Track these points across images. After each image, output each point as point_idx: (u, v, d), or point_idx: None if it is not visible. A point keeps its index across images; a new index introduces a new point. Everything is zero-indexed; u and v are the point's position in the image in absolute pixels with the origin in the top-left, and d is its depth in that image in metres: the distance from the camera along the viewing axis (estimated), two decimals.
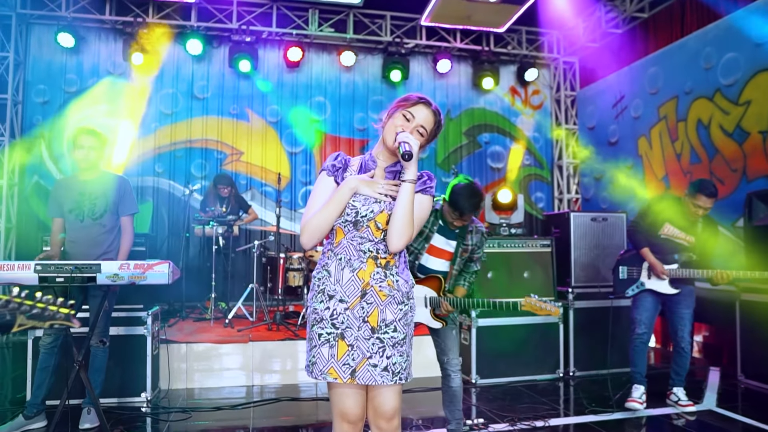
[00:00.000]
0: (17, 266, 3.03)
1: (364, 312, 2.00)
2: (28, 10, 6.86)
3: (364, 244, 2.02)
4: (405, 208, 1.96)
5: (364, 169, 2.11)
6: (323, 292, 2.04)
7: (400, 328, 2.05)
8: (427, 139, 2.10)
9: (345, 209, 2.01)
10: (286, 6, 7.46)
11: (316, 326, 2.03)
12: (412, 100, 2.07)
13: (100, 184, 3.83)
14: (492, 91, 8.15)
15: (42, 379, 3.61)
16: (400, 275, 2.09)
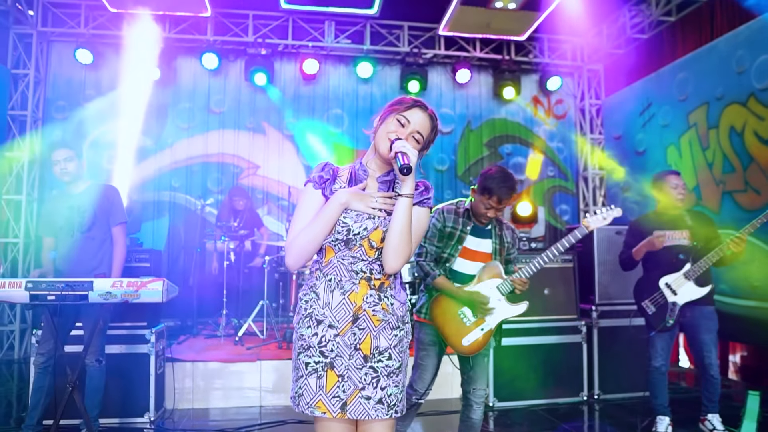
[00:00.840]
0: (8, 284, 2.94)
1: (356, 339, 1.80)
2: (48, 27, 6.93)
3: (357, 264, 1.83)
4: (402, 225, 1.77)
5: (354, 180, 1.91)
6: (311, 316, 1.84)
7: (396, 356, 1.84)
8: (423, 146, 1.90)
9: (335, 227, 1.82)
10: (302, 18, 7.39)
11: (302, 354, 1.83)
12: (406, 104, 1.87)
13: (88, 195, 3.73)
14: (513, 101, 7.92)
15: (37, 399, 3.51)
16: (395, 297, 1.89)
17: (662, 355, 3.79)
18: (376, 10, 7.03)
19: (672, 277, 3.74)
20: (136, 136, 7.20)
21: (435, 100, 7.93)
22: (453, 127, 7.95)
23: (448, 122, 7.94)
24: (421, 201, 1.90)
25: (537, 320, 4.75)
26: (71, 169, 3.70)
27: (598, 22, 7.29)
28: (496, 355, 4.60)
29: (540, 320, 4.75)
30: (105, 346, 3.78)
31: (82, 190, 3.79)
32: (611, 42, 7.29)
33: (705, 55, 5.92)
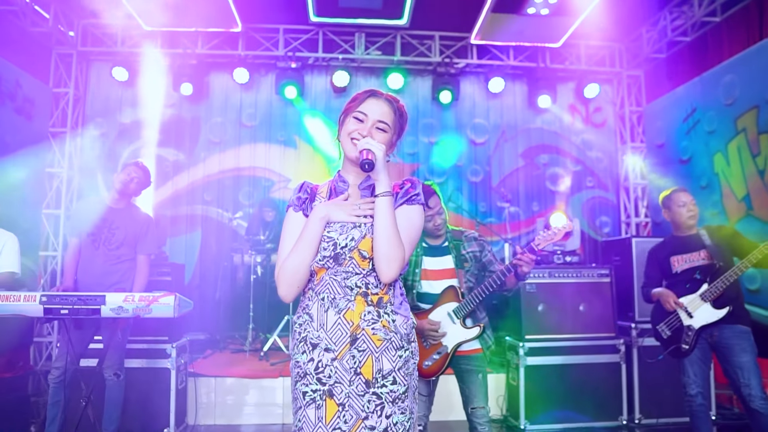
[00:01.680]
0: (23, 297, 2.95)
1: (356, 362, 1.64)
2: (88, 47, 7.13)
3: (350, 279, 1.68)
4: (386, 227, 1.63)
5: (334, 193, 1.81)
6: (305, 340, 1.70)
7: (401, 379, 1.68)
8: (394, 134, 1.78)
9: (320, 244, 1.69)
10: (332, 31, 7.37)
11: (299, 383, 1.68)
12: (359, 99, 1.77)
13: (125, 216, 3.77)
14: (549, 110, 7.67)
15: (53, 414, 3.50)
16: (397, 312, 1.73)
17: (696, 382, 3.45)
18: (406, 21, 6.94)
19: (688, 299, 3.44)
20: (170, 150, 7.31)
21: (468, 110, 7.77)
22: (487, 137, 7.76)
23: (482, 132, 7.75)
24: (409, 198, 1.76)
25: (571, 338, 4.50)
26: (131, 188, 3.79)
27: (637, 25, 6.99)
28: (528, 375, 4.37)
29: (574, 338, 4.51)
30: (124, 360, 3.76)
31: (122, 207, 3.82)
32: (651, 46, 6.98)
33: (753, 55, 5.57)
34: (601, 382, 4.47)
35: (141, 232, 3.76)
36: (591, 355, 4.46)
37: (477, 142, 7.75)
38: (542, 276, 4.54)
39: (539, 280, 4.52)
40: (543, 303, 4.53)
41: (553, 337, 4.45)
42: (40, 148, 6.74)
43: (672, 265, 3.59)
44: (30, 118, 6.52)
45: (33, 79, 6.55)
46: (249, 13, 6.82)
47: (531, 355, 4.38)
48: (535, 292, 4.49)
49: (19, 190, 6.27)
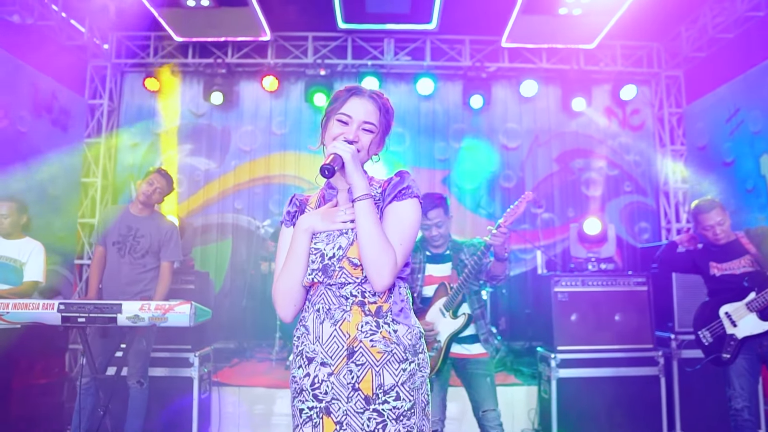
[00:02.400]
0: (41, 305, 2.96)
1: (354, 377, 1.54)
2: (121, 59, 7.28)
3: (345, 288, 1.58)
4: (369, 233, 1.52)
5: (323, 201, 1.71)
6: (302, 354, 1.60)
7: (405, 395, 1.55)
8: (381, 131, 1.67)
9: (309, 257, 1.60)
10: (361, 37, 7.34)
11: (296, 399, 1.60)
12: (341, 99, 1.65)
13: (150, 224, 3.79)
14: (584, 113, 7.43)
15: (79, 421, 3.51)
16: (399, 322, 1.60)
17: (743, 396, 3.22)
18: (435, 25, 6.84)
19: (733, 307, 3.22)
20: (201, 159, 7.38)
21: (500, 115, 7.61)
22: (520, 142, 7.57)
23: (515, 137, 7.57)
24: (399, 193, 1.65)
25: (606, 349, 4.29)
26: (155, 198, 3.81)
27: (675, 23, 6.72)
28: (560, 388, 4.18)
29: (610, 350, 4.29)
30: (148, 369, 3.75)
31: (146, 216, 3.84)
32: (691, 44, 6.69)
33: None
34: (639, 396, 4.23)
35: (165, 240, 3.76)
36: (628, 367, 4.24)
37: (509, 147, 7.57)
38: (575, 284, 4.34)
39: (572, 288, 4.33)
40: (576, 312, 4.34)
41: (586, 348, 4.25)
42: (76, 158, 6.90)
43: (711, 270, 3.39)
44: (66, 129, 6.67)
45: (69, 91, 6.71)
46: (278, 22, 6.85)
47: (563, 367, 4.18)
48: (568, 301, 4.30)
49: (55, 199, 6.42)
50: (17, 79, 5.86)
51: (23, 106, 5.93)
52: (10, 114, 5.74)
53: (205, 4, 6.04)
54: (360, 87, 1.68)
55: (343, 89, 1.69)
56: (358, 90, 1.67)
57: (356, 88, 1.68)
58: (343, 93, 1.68)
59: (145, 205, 3.85)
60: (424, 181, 7.53)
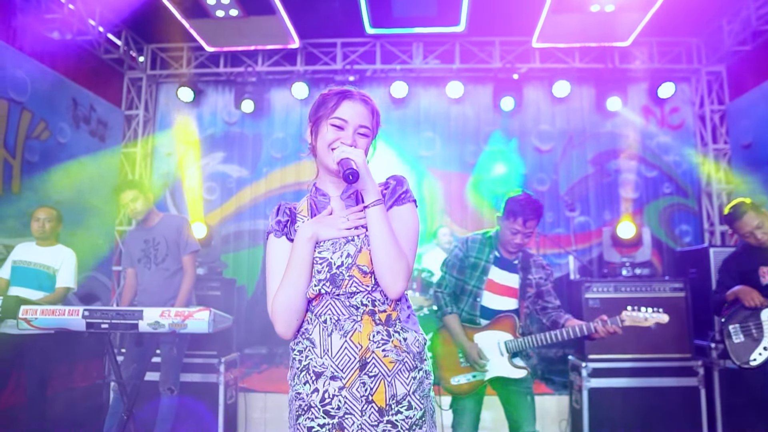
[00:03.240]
0: (67, 311, 3.02)
1: (367, 389, 1.48)
2: (156, 71, 7.47)
3: (355, 298, 1.51)
4: (383, 238, 1.47)
5: (315, 209, 1.64)
6: (307, 369, 1.53)
7: (416, 403, 1.51)
8: (373, 135, 1.62)
9: (313, 267, 1.53)
10: (390, 42, 7.32)
11: (303, 417, 1.52)
12: (332, 103, 1.57)
13: (161, 228, 3.85)
14: (620, 113, 7.20)
15: (110, 425, 3.59)
16: (408, 329, 1.56)
17: None
18: (463, 27, 6.77)
19: None
20: (233, 167, 7.49)
21: (532, 116, 7.46)
22: (553, 144, 7.41)
23: (548, 139, 7.41)
24: (398, 198, 1.60)
25: (642, 359, 4.11)
26: (139, 207, 3.85)
27: (715, 17, 6.45)
28: (592, 398, 4.03)
29: (645, 359, 4.11)
30: (179, 376, 3.79)
31: (155, 223, 3.91)
32: (733, 38, 6.40)
33: None
34: (677, 407, 4.04)
35: (176, 236, 3.80)
36: (664, 377, 4.05)
37: (542, 150, 7.42)
38: (607, 290, 4.19)
39: (603, 294, 4.17)
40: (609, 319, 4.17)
41: (620, 357, 4.09)
42: (113, 167, 7.10)
43: (762, 277, 3.20)
44: (104, 139, 6.87)
45: (106, 102, 6.91)
46: (306, 29, 6.90)
47: (595, 376, 4.03)
48: (599, 308, 4.15)
49: (93, 207, 6.61)
50: (58, 92, 6.07)
51: (63, 119, 6.14)
52: (51, 126, 5.95)
53: (234, 14, 6.14)
54: (350, 90, 1.62)
55: (333, 93, 1.62)
56: (349, 93, 1.60)
57: (346, 91, 1.61)
58: (332, 97, 1.60)
59: (146, 218, 3.90)
60: (455, 186, 7.45)
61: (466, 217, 7.37)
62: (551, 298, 2.96)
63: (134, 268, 3.87)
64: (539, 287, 2.93)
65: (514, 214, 2.83)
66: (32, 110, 5.65)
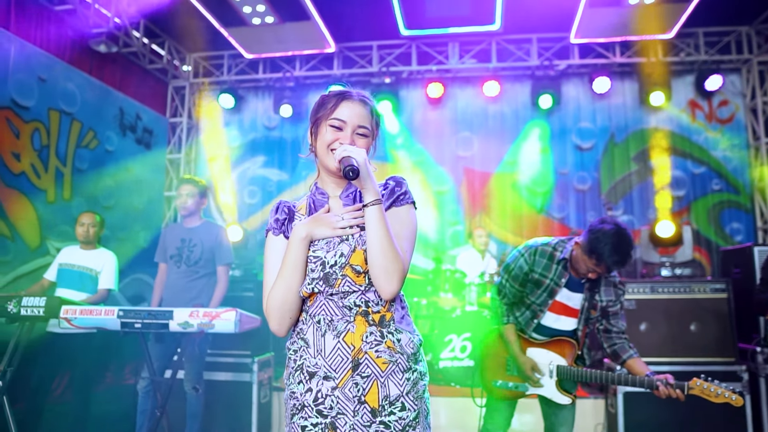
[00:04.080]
0: (103, 311, 3.16)
1: (359, 390, 1.49)
2: (199, 78, 7.71)
3: (348, 298, 1.52)
4: (380, 239, 1.47)
5: (313, 208, 1.65)
6: (301, 369, 1.55)
7: (410, 404, 1.52)
8: (373, 136, 1.61)
9: (307, 266, 1.54)
10: (425, 43, 7.31)
11: (297, 416, 1.54)
12: (330, 103, 1.58)
13: (200, 232, 3.96)
14: (664, 108, 6.95)
15: (141, 422, 3.72)
16: (402, 330, 1.56)
17: None
18: (499, 26, 6.69)
19: None
20: (274, 170, 7.65)
21: (572, 114, 7.29)
22: (594, 141, 7.22)
23: (588, 137, 7.23)
24: (396, 199, 1.59)
25: (681, 362, 3.95)
26: (190, 204, 3.97)
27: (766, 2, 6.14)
28: (628, 402, 3.91)
29: (685, 362, 3.95)
30: (203, 374, 3.91)
31: (195, 226, 4.03)
32: None
33: None
34: (719, 414, 3.83)
35: (216, 244, 3.91)
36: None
37: (583, 148, 7.24)
38: (643, 291, 4.04)
39: (639, 295, 4.03)
40: (646, 321, 4.04)
41: (657, 361, 3.93)
42: (158, 173, 7.37)
43: None
44: (149, 146, 7.15)
45: (151, 111, 7.19)
46: (342, 33, 6.98)
47: None
48: (635, 309, 4.02)
49: (140, 212, 6.89)
50: (105, 103, 6.36)
51: (110, 127, 6.42)
52: (99, 135, 6.24)
53: (270, 21, 6.28)
54: (350, 90, 1.62)
55: (332, 94, 1.63)
56: (348, 93, 1.61)
57: (346, 91, 1.62)
58: (332, 98, 1.61)
59: (190, 216, 4.01)
60: (493, 186, 7.37)
61: (505, 217, 7.27)
62: (617, 321, 2.72)
63: (166, 263, 4.00)
64: (604, 308, 2.71)
65: (597, 257, 2.48)
66: (81, 120, 5.94)
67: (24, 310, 3.15)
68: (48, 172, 5.49)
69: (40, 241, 5.33)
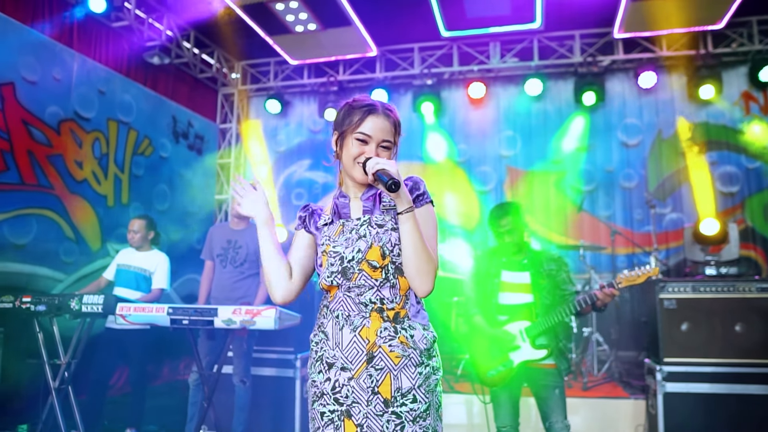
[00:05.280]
0: (155, 309, 3.38)
1: (373, 381, 1.60)
2: (247, 85, 8.01)
3: (364, 294, 1.63)
4: (415, 244, 1.57)
5: (337, 210, 1.76)
6: (321, 359, 1.68)
7: (421, 397, 1.61)
8: (395, 146, 1.70)
9: (327, 260, 1.68)
10: (466, 44, 7.33)
11: (317, 403, 1.67)
12: (357, 117, 1.66)
13: (246, 235, 4.16)
14: (715, 101, 6.72)
15: (192, 413, 3.95)
16: (415, 326, 1.66)
17: None
18: (540, 23, 6.66)
19: None
20: (319, 173, 7.85)
21: (617, 110, 7.17)
22: (641, 138, 7.06)
23: (635, 133, 7.08)
24: (416, 200, 1.66)
25: (724, 363, 3.86)
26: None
27: None
28: (668, 403, 3.85)
29: (728, 363, 3.85)
30: (250, 368, 4.10)
31: (242, 228, 4.24)
32: None
33: None
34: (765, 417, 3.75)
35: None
36: (751, 384, 3.77)
37: (629, 144, 7.10)
38: (684, 290, 3.96)
39: (680, 295, 3.95)
40: (688, 321, 3.96)
41: (700, 362, 3.86)
42: (210, 177, 7.70)
43: None
44: (201, 152, 7.49)
45: (202, 118, 7.53)
46: (384, 37, 7.10)
47: (671, 380, 3.84)
48: (676, 309, 3.95)
49: (193, 215, 7.22)
50: (159, 112, 6.72)
51: (164, 135, 6.78)
52: (153, 142, 6.60)
53: (312, 29, 6.47)
54: (374, 103, 1.69)
55: (359, 107, 1.69)
56: (374, 107, 1.68)
57: (371, 105, 1.69)
58: (358, 111, 1.68)
59: (240, 218, 4.22)
60: (537, 184, 7.32)
61: (548, 216, 7.21)
62: (567, 286, 3.07)
63: (212, 261, 4.22)
64: (552, 278, 3.04)
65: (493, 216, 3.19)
66: (137, 129, 6.30)
67: (85, 307, 3.41)
68: (107, 178, 5.86)
69: (100, 243, 5.70)
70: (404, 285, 1.66)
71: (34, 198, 4.98)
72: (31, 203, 4.93)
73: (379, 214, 1.69)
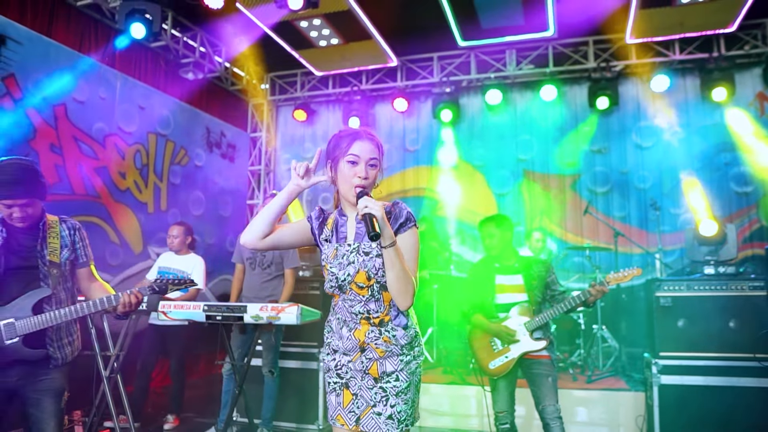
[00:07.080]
0: (192, 306, 3.80)
1: (364, 366, 2.04)
2: (276, 96, 8.46)
3: (355, 307, 2.04)
4: (397, 272, 1.90)
5: (336, 226, 2.11)
6: (329, 346, 2.13)
7: (403, 378, 2.03)
8: (380, 164, 2.04)
9: (327, 276, 2.05)
10: (483, 52, 7.61)
11: (326, 374, 2.15)
12: (344, 143, 2.00)
13: None
14: (728, 103, 6.85)
15: (225, 400, 4.37)
16: (396, 328, 2.05)
17: None
18: (553, 31, 6.90)
19: None
20: None
21: (631, 113, 7.35)
22: (654, 140, 7.23)
23: (649, 136, 7.26)
24: (400, 226, 1.97)
25: (718, 357, 4.08)
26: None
27: None
28: (664, 395, 4.09)
29: (722, 357, 4.07)
30: (278, 360, 4.51)
31: None
32: None
33: None
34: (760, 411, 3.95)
35: (285, 251, 4.49)
36: (743, 377, 3.98)
37: (644, 147, 7.27)
38: (679, 289, 4.20)
39: (675, 293, 4.18)
40: (683, 318, 4.19)
41: (694, 356, 4.09)
42: (241, 184, 8.18)
43: None
44: (233, 160, 7.97)
45: (233, 128, 8.01)
46: (404, 47, 7.44)
47: (667, 373, 4.08)
48: (671, 306, 4.18)
49: (226, 220, 7.71)
50: (194, 123, 7.21)
51: (199, 145, 7.27)
52: (189, 152, 7.09)
53: (335, 43, 6.87)
54: (358, 131, 2.04)
55: (344, 134, 2.05)
56: (358, 134, 2.02)
57: (356, 132, 2.03)
58: (344, 138, 2.02)
59: None
60: (553, 187, 7.55)
61: (564, 218, 7.45)
62: (556, 285, 3.47)
63: (243, 264, 4.64)
64: (542, 279, 3.42)
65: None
66: (174, 140, 6.80)
67: None
68: (148, 187, 6.37)
69: (142, 246, 6.21)
70: (387, 298, 2.02)
71: (83, 206, 5.50)
72: (81, 211, 5.44)
73: (366, 242, 1.99)
